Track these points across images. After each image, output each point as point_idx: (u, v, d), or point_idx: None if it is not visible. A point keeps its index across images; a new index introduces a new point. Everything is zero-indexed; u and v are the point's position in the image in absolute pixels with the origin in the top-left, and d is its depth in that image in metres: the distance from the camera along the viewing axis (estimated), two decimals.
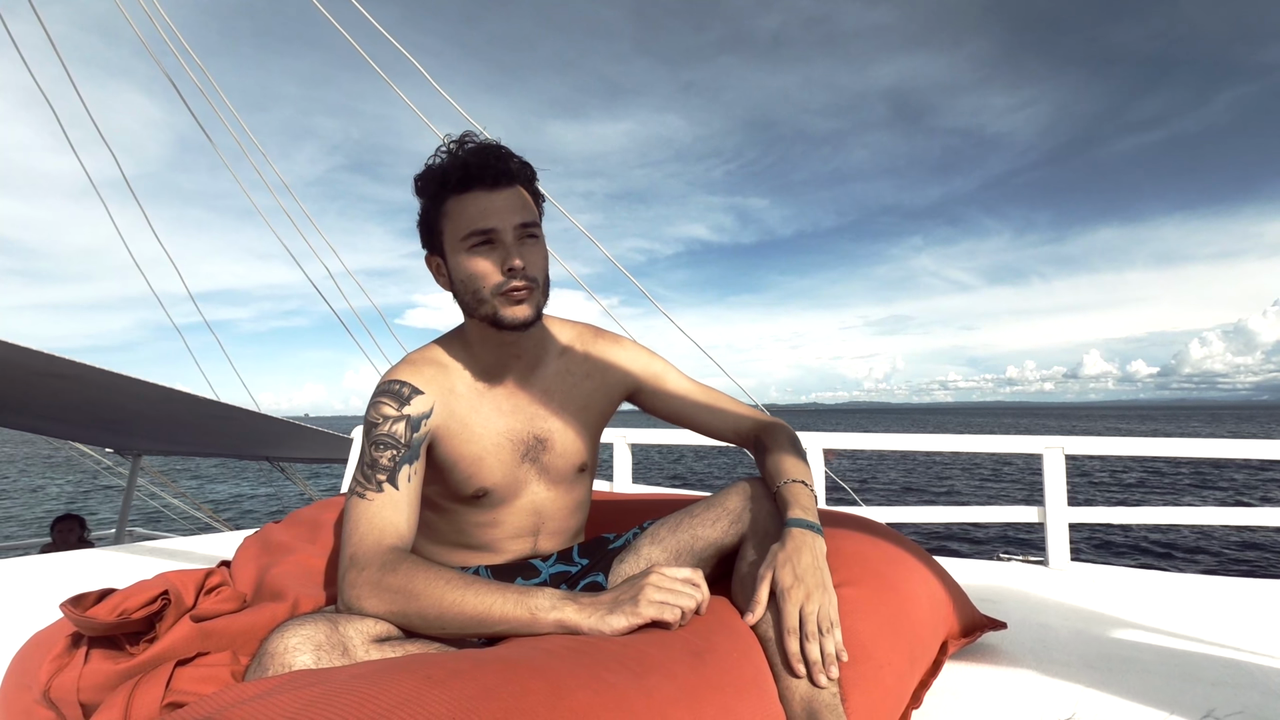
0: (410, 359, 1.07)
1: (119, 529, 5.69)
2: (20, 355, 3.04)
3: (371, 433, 0.99)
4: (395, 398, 1.00)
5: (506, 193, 1.00)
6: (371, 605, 0.86)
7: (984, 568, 2.03)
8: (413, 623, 0.86)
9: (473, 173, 0.98)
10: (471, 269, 0.99)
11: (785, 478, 1.01)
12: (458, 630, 0.85)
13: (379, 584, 0.86)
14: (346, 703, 0.58)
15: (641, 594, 0.85)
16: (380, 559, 0.89)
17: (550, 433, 1.10)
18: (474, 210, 0.98)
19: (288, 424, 4.80)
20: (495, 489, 1.07)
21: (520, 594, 0.84)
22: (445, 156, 1.01)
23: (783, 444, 1.08)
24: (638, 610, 0.83)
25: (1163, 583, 1.86)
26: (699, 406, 1.18)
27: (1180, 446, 2.19)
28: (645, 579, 0.87)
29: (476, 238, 0.98)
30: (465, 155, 0.99)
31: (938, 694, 1.07)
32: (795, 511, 0.96)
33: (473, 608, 0.83)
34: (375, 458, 0.97)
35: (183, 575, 1.02)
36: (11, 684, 0.94)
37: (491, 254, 0.99)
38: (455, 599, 0.84)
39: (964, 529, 9.42)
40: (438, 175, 1.01)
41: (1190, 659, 1.25)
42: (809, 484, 1.01)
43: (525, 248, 1.00)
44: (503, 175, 1.00)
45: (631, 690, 0.69)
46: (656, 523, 1.12)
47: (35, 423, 5.61)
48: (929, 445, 2.44)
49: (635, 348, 1.20)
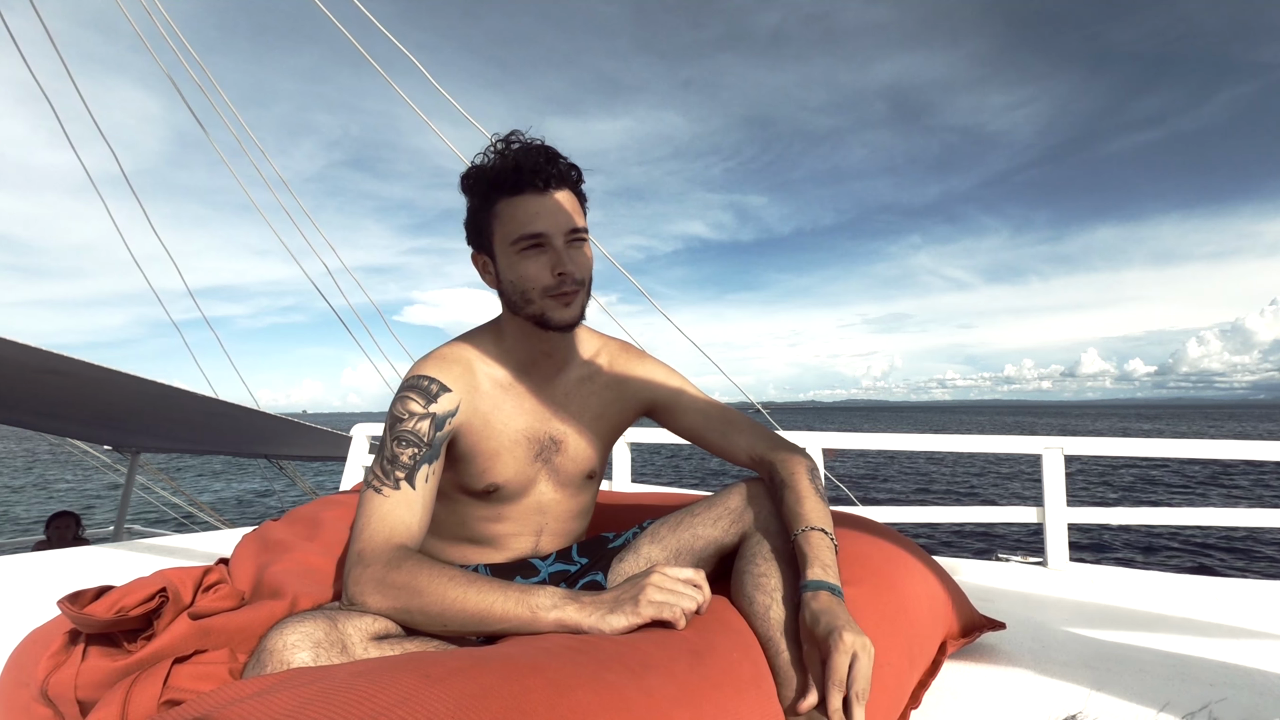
0: (440, 354, 1.07)
1: (117, 526, 5.68)
2: (17, 352, 3.03)
3: (395, 427, 0.98)
4: (423, 394, 1.00)
5: (557, 196, 1.00)
6: (375, 602, 0.86)
7: (983, 568, 2.04)
8: (415, 620, 0.86)
9: (525, 176, 0.98)
10: (522, 271, 1.00)
11: (804, 524, 0.94)
12: (459, 628, 0.85)
13: (383, 580, 0.86)
14: (344, 700, 0.58)
15: (642, 594, 0.84)
16: (387, 556, 0.89)
17: (565, 435, 1.11)
18: (525, 214, 0.98)
19: (286, 421, 4.79)
20: (506, 485, 1.07)
21: (522, 592, 0.84)
22: (494, 156, 1.01)
23: (802, 480, 1.01)
24: (638, 610, 0.83)
25: (1161, 583, 1.86)
26: (715, 427, 1.15)
27: (1180, 447, 2.19)
28: (646, 579, 0.86)
29: (527, 241, 0.99)
30: (516, 157, 0.99)
31: (937, 694, 1.07)
32: (815, 571, 0.87)
33: (474, 605, 0.83)
34: (396, 453, 0.97)
35: (181, 573, 1.02)
36: (9, 681, 0.94)
37: (541, 257, 0.99)
38: (457, 596, 0.84)
39: (964, 529, 9.44)
40: (489, 176, 1.00)
41: (1188, 659, 1.25)
42: (830, 532, 0.94)
43: (573, 251, 1.01)
44: (553, 178, 1.00)
45: (631, 689, 0.68)
46: (656, 522, 1.12)
47: (33, 419, 5.60)
48: (928, 445, 2.44)
49: (657, 365, 1.20)
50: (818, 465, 1.08)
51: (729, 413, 1.17)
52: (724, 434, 1.14)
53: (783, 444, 1.10)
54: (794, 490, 0.99)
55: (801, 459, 1.06)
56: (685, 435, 1.18)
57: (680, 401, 1.17)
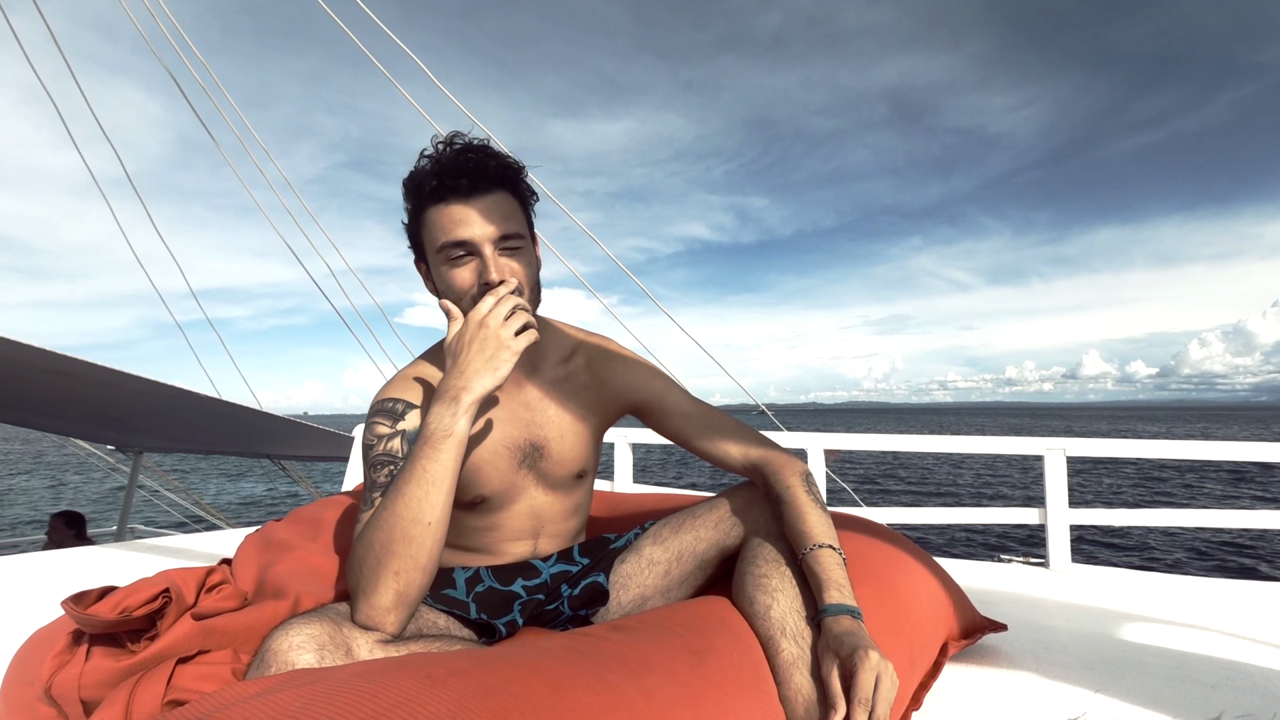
0: (401, 375, 1.05)
1: (120, 526, 5.69)
2: (21, 352, 3.04)
3: (369, 454, 0.97)
4: (389, 415, 0.99)
5: (485, 201, 0.96)
6: (383, 602, 0.85)
7: (985, 569, 2.03)
8: (409, 565, 0.85)
9: (447, 182, 0.95)
10: (449, 280, 0.98)
11: (811, 542, 0.91)
12: (432, 512, 0.87)
13: (374, 573, 0.86)
14: (346, 701, 0.58)
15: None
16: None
17: (547, 440, 1.08)
18: (449, 221, 0.96)
19: (289, 422, 4.80)
20: (494, 495, 1.06)
21: (426, 425, 0.90)
22: (429, 160, 0.98)
23: (798, 493, 0.98)
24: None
25: (1164, 584, 1.86)
26: (700, 431, 1.10)
27: (1182, 449, 2.18)
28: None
29: (451, 249, 0.96)
30: (443, 162, 0.96)
31: (937, 695, 1.07)
32: (833, 594, 0.86)
33: (408, 482, 0.87)
34: (374, 478, 0.95)
35: (184, 573, 1.02)
36: (13, 681, 0.94)
37: (468, 265, 0.97)
38: (393, 499, 0.87)
39: (966, 530, 9.42)
40: (416, 182, 0.98)
41: (1191, 661, 1.24)
42: (836, 546, 0.92)
43: (504, 259, 0.98)
44: (480, 182, 0.95)
45: (631, 690, 0.69)
46: (658, 523, 1.12)
47: (37, 420, 5.62)
48: (930, 446, 2.44)
49: (640, 365, 1.16)
50: (811, 470, 1.04)
51: (718, 416, 1.12)
52: (713, 439, 1.09)
53: (774, 450, 1.07)
54: (793, 505, 0.96)
55: (795, 466, 1.03)
56: (672, 438, 1.13)
57: (666, 404, 1.12)
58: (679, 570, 1.07)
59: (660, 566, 1.07)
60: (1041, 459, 2.19)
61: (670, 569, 1.07)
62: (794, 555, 0.95)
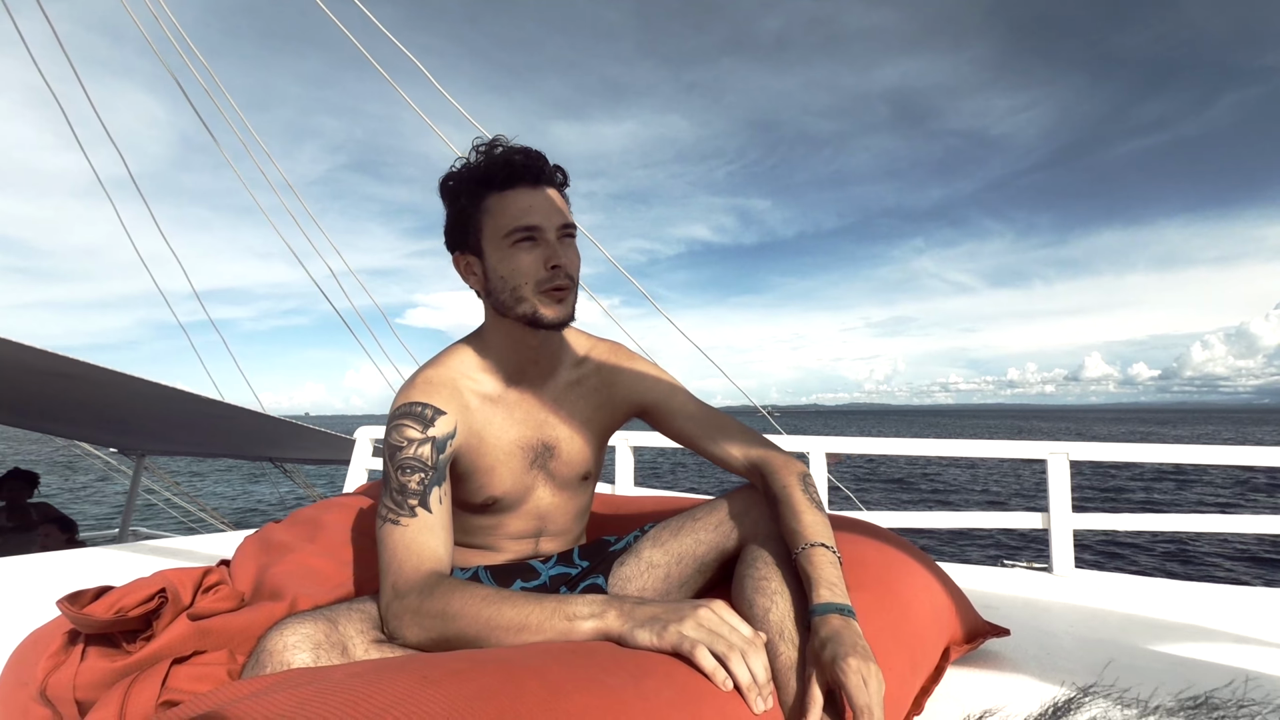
0: (424, 377, 1.05)
1: (122, 528, 5.69)
2: (24, 354, 3.04)
3: (396, 456, 0.96)
4: (419, 420, 0.98)
5: (549, 192, 1.02)
6: (414, 634, 0.85)
7: (987, 574, 2.02)
8: (454, 645, 0.83)
9: (517, 170, 1.00)
10: (514, 264, 1.00)
11: (804, 541, 0.91)
12: (498, 646, 0.82)
13: (419, 611, 0.85)
14: (340, 701, 0.57)
15: (679, 622, 0.78)
16: (420, 585, 0.87)
17: (558, 440, 1.11)
18: (518, 207, 0.99)
19: (290, 424, 4.80)
20: (505, 496, 1.07)
21: (558, 602, 0.82)
22: (481, 158, 1.02)
23: (795, 493, 0.98)
24: (664, 634, 0.77)
25: (1167, 590, 1.85)
26: (705, 432, 1.13)
27: (1184, 453, 2.17)
28: (694, 608, 0.80)
29: (520, 233, 0.99)
30: (507, 153, 1.01)
31: (939, 700, 1.06)
32: (822, 593, 0.84)
33: (509, 619, 0.81)
34: (404, 482, 0.95)
35: (181, 574, 1.02)
36: (9, 681, 0.93)
37: (535, 250, 1.00)
38: (491, 614, 0.81)
39: (968, 534, 9.39)
40: (478, 173, 1.01)
41: (1195, 667, 1.23)
42: (831, 545, 0.91)
43: (565, 247, 1.02)
44: (544, 174, 1.02)
45: (629, 693, 0.68)
46: (658, 525, 1.11)
47: (40, 422, 5.63)
48: (932, 450, 2.43)
49: (648, 367, 1.19)
50: (811, 472, 1.04)
51: (721, 418, 1.14)
52: (716, 440, 1.12)
53: (774, 452, 1.08)
54: (789, 505, 0.97)
55: (793, 468, 1.03)
56: (677, 439, 1.16)
57: (672, 405, 1.15)
58: (678, 573, 1.06)
59: (660, 569, 1.07)
60: (1044, 463, 2.18)
61: (670, 572, 1.06)
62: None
